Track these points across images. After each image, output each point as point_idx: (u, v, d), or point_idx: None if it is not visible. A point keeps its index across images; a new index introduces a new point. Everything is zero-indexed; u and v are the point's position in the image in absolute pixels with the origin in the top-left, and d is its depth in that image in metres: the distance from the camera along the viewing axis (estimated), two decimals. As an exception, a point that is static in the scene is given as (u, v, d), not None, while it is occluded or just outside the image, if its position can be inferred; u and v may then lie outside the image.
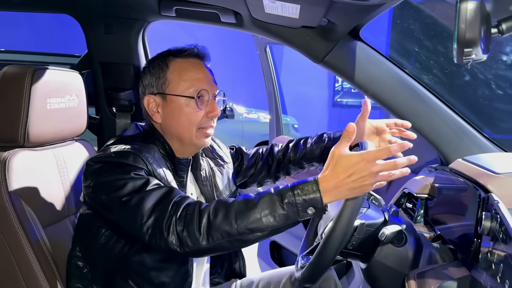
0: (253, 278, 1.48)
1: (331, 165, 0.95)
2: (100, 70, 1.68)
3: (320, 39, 1.43)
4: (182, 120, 1.20)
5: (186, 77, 1.20)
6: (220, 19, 1.47)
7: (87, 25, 1.64)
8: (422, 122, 1.50)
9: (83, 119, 1.43)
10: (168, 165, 1.20)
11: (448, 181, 1.33)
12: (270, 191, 1.00)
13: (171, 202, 1.02)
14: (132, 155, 1.09)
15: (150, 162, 1.11)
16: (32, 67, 1.22)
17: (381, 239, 1.10)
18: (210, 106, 1.21)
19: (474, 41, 0.61)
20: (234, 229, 0.97)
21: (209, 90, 1.21)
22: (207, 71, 1.24)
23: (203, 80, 1.21)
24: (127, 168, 1.07)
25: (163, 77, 1.21)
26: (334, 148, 0.96)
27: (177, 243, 0.99)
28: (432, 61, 5.64)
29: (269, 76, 2.58)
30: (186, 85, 1.19)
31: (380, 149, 0.94)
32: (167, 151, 1.22)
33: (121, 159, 1.08)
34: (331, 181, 0.95)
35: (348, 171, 0.93)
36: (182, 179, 1.23)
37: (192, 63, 1.22)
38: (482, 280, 0.91)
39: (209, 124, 1.23)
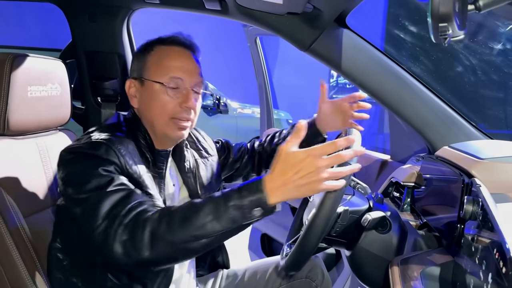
0: (239, 268, 1.47)
1: (278, 163, 0.90)
2: (84, 59, 1.66)
3: (306, 26, 1.41)
4: (154, 107, 1.17)
5: (164, 63, 1.17)
6: (204, 6, 1.45)
7: (70, 13, 1.62)
8: (409, 110, 1.50)
9: (67, 109, 1.41)
10: (146, 156, 1.17)
11: (434, 168, 1.33)
12: (214, 195, 0.95)
13: (126, 208, 0.98)
14: (104, 147, 1.05)
15: (123, 154, 1.07)
16: (12, 54, 1.20)
17: (364, 225, 1.09)
18: (185, 96, 1.17)
19: (448, 16, 0.60)
20: (178, 237, 0.92)
21: (186, 80, 1.17)
22: (191, 61, 1.20)
23: (181, 69, 1.17)
24: (96, 161, 1.03)
25: (144, 62, 1.19)
26: (282, 146, 0.91)
27: (121, 252, 0.95)
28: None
29: (260, 68, 2.57)
30: (163, 71, 1.17)
31: (326, 144, 0.89)
32: (147, 141, 1.19)
33: (93, 150, 1.05)
34: (277, 180, 0.89)
35: (295, 168, 0.88)
36: (161, 170, 1.20)
37: (174, 51, 1.19)
38: (464, 265, 0.90)
39: (183, 116, 1.18)
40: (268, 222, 2.42)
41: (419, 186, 1.41)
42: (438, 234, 1.18)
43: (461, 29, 0.65)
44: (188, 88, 1.18)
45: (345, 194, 1.17)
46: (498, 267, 0.60)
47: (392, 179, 1.55)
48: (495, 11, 0.72)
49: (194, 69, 1.20)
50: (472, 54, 5.09)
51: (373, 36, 6.51)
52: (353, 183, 1.31)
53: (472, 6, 0.67)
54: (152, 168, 1.18)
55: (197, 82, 1.20)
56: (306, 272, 1.40)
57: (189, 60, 1.20)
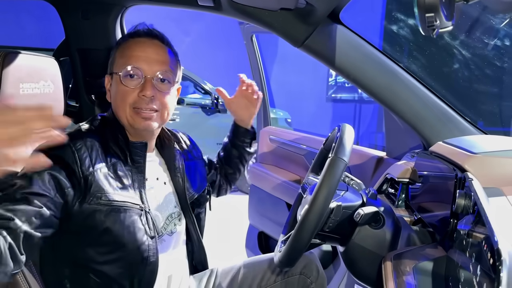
0: (234, 265, 1.47)
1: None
2: (78, 57, 1.66)
3: (299, 22, 1.41)
4: (117, 97, 1.20)
5: (123, 54, 1.20)
6: (197, 2, 1.45)
7: (63, 10, 1.62)
8: (403, 106, 1.49)
9: (60, 106, 1.40)
10: (117, 152, 1.18)
11: (428, 164, 1.32)
12: None
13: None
14: (64, 146, 1.07)
15: (78, 149, 1.09)
16: (4, 51, 1.20)
17: (356, 220, 1.09)
18: (142, 85, 1.17)
19: (435, 6, 0.59)
20: None
21: (146, 69, 1.17)
22: (151, 50, 1.20)
23: (139, 58, 1.18)
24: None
25: (113, 57, 1.23)
26: None
27: None
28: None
29: (256, 65, 2.57)
30: (122, 61, 1.19)
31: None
32: (121, 136, 1.20)
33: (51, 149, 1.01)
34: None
35: None
36: (139, 164, 1.20)
37: (135, 41, 1.21)
38: (456, 259, 0.90)
39: (144, 106, 1.17)
40: (265, 220, 2.42)
41: (414, 182, 1.40)
42: (432, 229, 1.17)
43: (449, 19, 0.64)
44: (148, 76, 1.17)
45: (338, 189, 1.17)
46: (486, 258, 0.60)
47: (387, 176, 1.55)
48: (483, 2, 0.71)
49: (155, 58, 1.19)
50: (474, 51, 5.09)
51: (371, 34, 6.51)
52: (347, 179, 1.31)
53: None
54: (129, 163, 1.19)
55: (161, 72, 1.19)
56: (301, 268, 1.40)
57: (150, 48, 1.20)
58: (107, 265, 1.13)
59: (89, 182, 1.09)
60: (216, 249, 2.68)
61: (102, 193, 1.09)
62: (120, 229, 1.11)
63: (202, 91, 5.79)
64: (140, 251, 1.15)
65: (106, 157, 1.15)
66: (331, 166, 1.03)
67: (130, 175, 1.18)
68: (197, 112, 5.69)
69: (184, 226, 1.35)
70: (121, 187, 1.14)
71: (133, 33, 1.23)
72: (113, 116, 1.24)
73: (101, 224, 1.09)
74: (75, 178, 1.07)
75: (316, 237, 1.16)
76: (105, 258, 1.12)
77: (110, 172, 1.14)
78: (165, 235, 1.27)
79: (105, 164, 1.14)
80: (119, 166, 1.16)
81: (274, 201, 2.31)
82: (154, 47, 1.21)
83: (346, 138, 1.10)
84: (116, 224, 1.10)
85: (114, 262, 1.13)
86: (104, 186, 1.11)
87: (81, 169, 1.08)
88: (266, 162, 2.56)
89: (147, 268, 1.17)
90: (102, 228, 1.10)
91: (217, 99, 5.70)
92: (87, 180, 1.09)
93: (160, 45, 1.22)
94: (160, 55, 1.20)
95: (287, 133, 2.53)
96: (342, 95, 8.92)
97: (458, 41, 4.96)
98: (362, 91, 1.51)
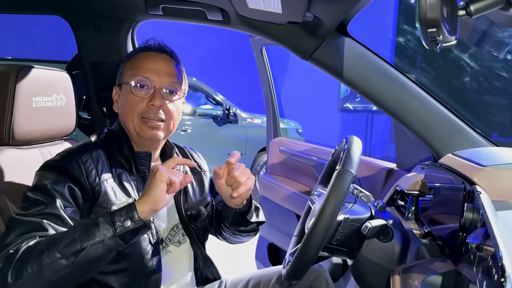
0: (243, 277, 1.46)
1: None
2: (90, 70, 1.69)
3: (307, 35, 1.42)
4: (125, 107, 1.23)
5: (134, 65, 1.24)
6: (207, 17, 1.47)
7: (76, 25, 1.66)
8: (412, 118, 1.49)
9: (72, 119, 1.43)
10: (123, 162, 1.22)
11: (438, 176, 1.31)
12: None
13: (23, 238, 1.00)
14: (67, 157, 1.14)
15: (84, 161, 1.14)
16: (17, 66, 1.23)
17: (364, 233, 1.08)
18: (151, 95, 1.21)
19: (436, 21, 0.59)
20: (45, 256, 0.95)
21: (155, 80, 1.21)
22: (161, 62, 1.24)
23: (149, 69, 1.22)
24: (52, 174, 1.10)
25: (122, 69, 1.27)
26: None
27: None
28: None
29: (266, 77, 2.58)
30: (131, 72, 1.23)
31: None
32: (126, 146, 1.23)
33: (57, 161, 1.14)
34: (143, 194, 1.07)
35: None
36: (144, 174, 1.23)
37: (145, 55, 1.26)
38: (465, 273, 0.89)
39: (152, 115, 1.21)
40: (275, 231, 2.41)
41: (424, 194, 1.39)
42: (441, 242, 1.16)
43: (451, 34, 0.65)
44: (157, 87, 1.21)
45: (346, 202, 1.17)
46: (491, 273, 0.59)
47: (397, 188, 1.54)
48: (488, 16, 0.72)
49: (164, 71, 1.24)
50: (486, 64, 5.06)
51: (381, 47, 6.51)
52: (356, 191, 1.30)
53: (463, 12, 0.67)
54: (134, 173, 1.22)
55: (169, 83, 1.23)
56: (310, 281, 1.39)
57: (159, 62, 1.25)
58: (112, 276, 1.14)
59: (96, 193, 1.12)
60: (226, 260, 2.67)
61: (108, 204, 1.12)
62: None
63: (214, 102, 5.83)
64: (144, 260, 1.17)
65: (112, 168, 1.18)
66: (338, 179, 1.03)
67: (135, 184, 1.21)
68: (209, 123, 5.73)
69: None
70: (126, 197, 1.17)
71: (144, 47, 1.28)
72: (119, 127, 1.27)
73: None
74: (83, 190, 1.11)
75: (324, 250, 1.16)
76: (110, 268, 1.14)
77: (116, 182, 1.17)
78: (170, 245, 1.28)
79: (111, 175, 1.17)
80: (124, 176, 1.19)
81: (284, 213, 2.30)
82: (164, 61, 1.25)
83: (354, 150, 1.10)
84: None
85: (119, 272, 1.15)
86: (110, 197, 1.13)
87: (87, 181, 1.12)
88: (276, 173, 2.56)
89: (151, 277, 1.18)
90: None
91: (228, 109, 5.74)
92: (94, 191, 1.12)
93: (169, 59, 1.27)
94: (169, 68, 1.25)
95: (297, 144, 2.53)
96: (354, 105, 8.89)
97: (469, 53, 4.94)
98: (371, 103, 1.51)
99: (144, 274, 1.17)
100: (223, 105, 5.79)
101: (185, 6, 1.45)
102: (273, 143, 2.60)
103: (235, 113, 5.81)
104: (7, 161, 1.20)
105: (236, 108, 5.89)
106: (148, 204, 1.04)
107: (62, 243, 0.97)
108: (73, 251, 0.96)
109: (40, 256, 0.95)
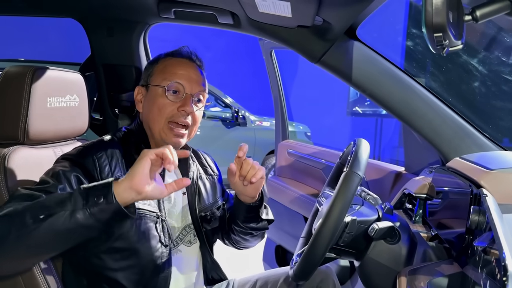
0: (251, 277, 1.48)
1: None
2: (102, 72, 1.72)
3: (316, 39, 1.44)
4: (154, 109, 1.25)
5: (167, 70, 1.27)
6: (217, 20, 1.49)
7: (90, 28, 1.69)
8: (421, 121, 1.49)
9: (85, 119, 1.46)
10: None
11: (445, 180, 1.32)
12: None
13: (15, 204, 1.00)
14: (84, 151, 1.17)
15: (99, 157, 1.16)
16: (33, 67, 1.26)
17: (371, 234, 1.09)
18: (183, 101, 1.25)
19: (442, 26, 0.61)
20: (18, 216, 0.94)
21: (187, 86, 1.26)
22: (192, 70, 1.29)
23: (182, 76, 1.26)
24: (67, 163, 1.13)
25: (151, 71, 1.30)
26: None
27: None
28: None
29: (275, 80, 2.60)
30: (164, 76, 1.26)
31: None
32: (146, 146, 1.27)
33: (72, 155, 1.17)
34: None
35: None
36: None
37: (178, 61, 1.30)
38: (471, 275, 0.90)
39: (180, 120, 1.25)
40: (283, 233, 2.42)
41: (431, 197, 1.40)
42: (448, 245, 1.17)
43: (457, 39, 0.66)
44: (188, 93, 1.25)
45: (354, 204, 1.18)
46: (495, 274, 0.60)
47: (405, 191, 1.55)
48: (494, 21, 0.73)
49: (195, 79, 1.28)
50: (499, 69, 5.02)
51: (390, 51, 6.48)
52: (363, 193, 1.31)
53: (469, 17, 0.68)
54: None
55: (198, 91, 1.28)
56: (317, 282, 1.40)
57: (191, 69, 1.29)
58: (121, 272, 1.16)
59: None
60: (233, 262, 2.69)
61: None
62: (134, 235, 1.14)
63: (223, 104, 5.86)
64: (154, 258, 1.19)
65: (127, 166, 1.21)
66: (346, 180, 1.05)
67: None
68: (218, 125, 5.76)
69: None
70: None
71: (177, 53, 1.32)
72: (138, 127, 1.30)
73: (116, 229, 1.14)
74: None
75: (331, 251, 1.17)
76: (119, 265, 1.16)
77: None
78: (181, 245, 1.30)
79: (125, 172, 1.19)
80: None
81: (291, 215, 2.31)
82: (195, 69, 1.31)
83: (362, 152, 1.11)
84: (131, 230, 1.15)
85: (128, 268, 1.17)
86: None
87: (100, 176, 1.15)
88: (284, 175, 2.58)
89: (160, 275, 1.20)
90: (117, 234, 1.14)
91: (237, 112, 5.76)
92: None
93: (198, 68, 1.32)
94: (199, 77, 1.30)
95: (305, 146, 2.54)
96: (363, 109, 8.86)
97: (480, 58, 4.90)
98: (380, 106, 1.52)
99: (153, 272, 1.19)
100: (232, 107, 5.82)
101: (196, 10, 1.48)
102: (282, 146, 2.61)
103: (244, 116, 5.83)
104: (21, 160, 1.23)
105: (245, 110, 5.92)
106: (126, 181, 0.96)
107: (36, 206, 0.96)
108: (42, 214, 0.93)
109: (13, 215, 0.94)
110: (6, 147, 1.22)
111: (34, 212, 0.94)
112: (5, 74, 1.25)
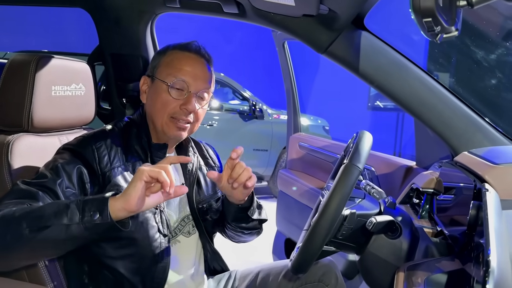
0: (253, 269, 1.47)
1: None
2: (110, 62, 1.73)
3: (322, 28, 1.40)
4: (157, 103, 1.24)
5: (173, 64, 1.25)
6: (222, 9, 1.48)
7: (98, 18, 1.70)
8: (431, 114, 1.45)
9: (91, 108, 1.47)
10: (139, 152, 1.24)
11: (452, 174, 1.28)
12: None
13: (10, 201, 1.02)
14: (84, 141, 1.18)
15: (98, 147, 1.17)
16: (38, 55, 1.27)
17: (369, 228, 1.07)
18: (186, 99, 1.23)
19: (431, 11, 0.58)
20: (14, 223, 0.95)
21: (190, 84, 1.24)
22: (199, 67, 1.27)
23: (187, 73, 1.24)
24: (66, 155, 1.14)
25: (158, 62, 1.28)
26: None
27: None
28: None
29: (287, 72, 2.57)
30: (169, 71, 1.24)
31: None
32: (147, 137, 1.26)
33: (72, 145, 1.18)
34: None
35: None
36: None
37: (185, 56, 1.27)
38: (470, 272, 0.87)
39: (182, 117, 1.24)
40: (292, 226, 2.41)
41: (439, 192, 1.36)
42: (451, 241, 1.13)
43: (450, 24, 0.63)
44: (192, 92, 1.24)
45: (356, 197, 1.15)
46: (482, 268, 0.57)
47: (412, 185, 1.51)
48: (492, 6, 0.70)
49: (201, 76, 1.26)
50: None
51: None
52: (368, 187, 1.29)
53: (464, 2, 0.65)
54: (149, 163, 1.23)
55: (203, 89, 1.26)
56: (320, 275, 1.38)
57: (198, 66, 1.27)
58: (120, 261, 1.17)
59: (106, 179, 1.16)
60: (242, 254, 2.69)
61: (118, 190, 1.14)
62: (133, 225, 1.15)
63: (241, 97, 5.85)
64: (152, 248, 1.19)
65: (127, 156, 1.22)
66: (344, 173, 1.02)
67: None
68: (235, 118, 5.76)
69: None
70: (119, 184, 1.18)
71: (184, 47, 1.29)
72: (140, 118, 1.30)
73: None
74: (94, 175, 1.15)
75: (330, 244, 1.15)
76: (118, 253, 1.17)
77: (130, 170, 1.20)
78: (180, 235, 1.30)
79: (124, 162, 1.20)
80: (138, 165, 1.22)
81: (301, 208, 2.30)
82: (202, 65, 1.28)
83: (363, 145, 1.09)
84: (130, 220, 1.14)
85: (127, 257, 1.18)
86: (120, 183, 1.16)
87: (99, 166, 1.15)
88: (295, 168, 2.56)
89: (158, 265, 1.20)
90: None
91: (254, 105, 5.75)
92: (105, 177, 1.16)
93: (205, 64, 1.29)
94: (205, 74, 1.28)
95: (316, 139, 2.51)
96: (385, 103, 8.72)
97: (490, 48, 4.73)
98: (387, 98, 1.49)
99: (152, 261, 1.20)
100: (250, 100, 5.80)
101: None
102: (293, 139, 2.59)
103: (261, 109, 5.81)
104: (25, 147, 1.25)
105: (262, 104, 5.90)
106: (120, 201, 0.97)
107: (32, 215, 0.97)
108: (38, 226, 0.94)
109: (10, 221, 0.95)
110: (10, 134, 1.24)
111: (30, 222, 0.95)
112: (10, 62, 1.27)
